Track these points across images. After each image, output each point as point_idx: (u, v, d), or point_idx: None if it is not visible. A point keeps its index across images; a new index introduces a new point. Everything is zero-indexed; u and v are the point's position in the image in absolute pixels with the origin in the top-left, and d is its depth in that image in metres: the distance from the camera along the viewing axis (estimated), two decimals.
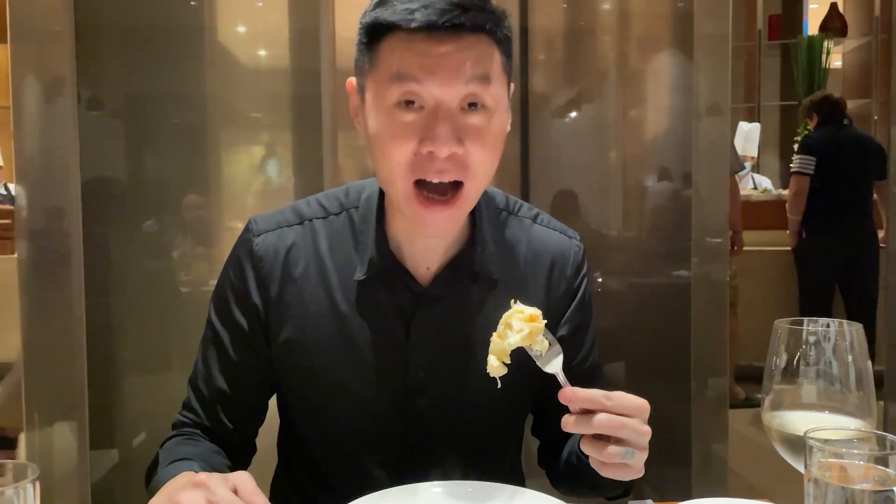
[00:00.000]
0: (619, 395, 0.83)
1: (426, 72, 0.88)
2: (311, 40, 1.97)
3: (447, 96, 0.89)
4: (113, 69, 1.98)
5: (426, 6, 0.87)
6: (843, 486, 0.58)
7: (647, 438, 0.84)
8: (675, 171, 2.13)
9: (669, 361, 2.10)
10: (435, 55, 0.88)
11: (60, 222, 1.87)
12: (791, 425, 0.73)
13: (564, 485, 1.09)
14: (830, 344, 0.73)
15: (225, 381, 1.04)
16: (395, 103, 0.90)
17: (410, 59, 0.88)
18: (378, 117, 0.92)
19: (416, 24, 0.87)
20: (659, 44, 2.17)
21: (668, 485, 2.09)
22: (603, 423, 0.82)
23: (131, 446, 2.01)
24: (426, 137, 0.89)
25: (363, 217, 1.03)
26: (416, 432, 1.03)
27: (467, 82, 0.89)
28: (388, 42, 0.90)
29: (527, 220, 1.10)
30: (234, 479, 0.77)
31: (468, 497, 0.91)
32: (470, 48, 0.89)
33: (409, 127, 0.90)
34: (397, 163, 0.91)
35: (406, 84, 0.89)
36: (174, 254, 2.02)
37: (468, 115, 0.90)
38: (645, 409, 0.84)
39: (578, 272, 1.10)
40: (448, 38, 0.88)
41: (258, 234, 1.03)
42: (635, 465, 0.85)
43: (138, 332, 2.01)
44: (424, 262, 1.02)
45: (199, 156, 2.03)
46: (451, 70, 0.88)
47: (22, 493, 0.53)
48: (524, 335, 0.83)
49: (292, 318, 1.01)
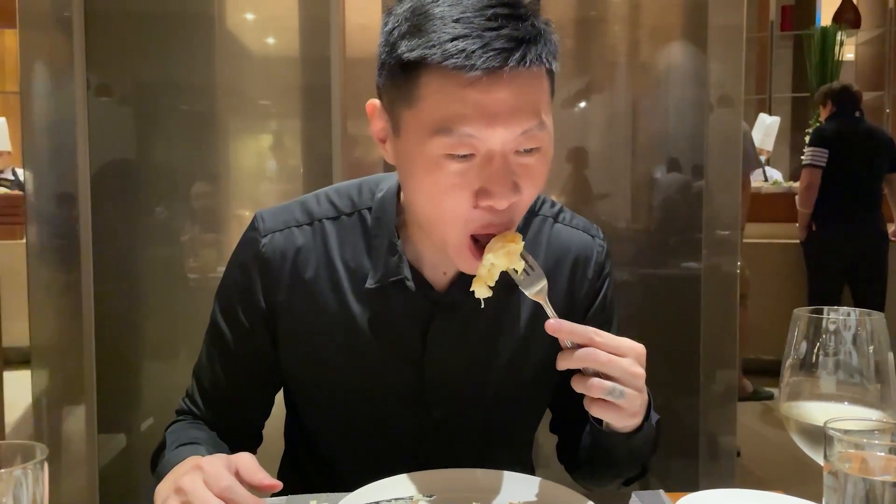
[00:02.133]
0: (612, 335, 0.81)
1: (482, 125, 0.78)
2: (320, 28, 1.96)
3: (505, 146, 0.80)
4: (122, 56, 1.98)
5: (484, 45, 0.76)
6: (864, 478, 0.57)
7: (640, 380, 0.80)
8: (687, 163, 2.11)
9: (678, 353, 2.09)
10: (491, 105, 0.78)
11: (69, 208, 1.87)
12: (809, 416, 0.72)
13: (585, 472, 1.06)
14: (850, 333, 0.72)
15: (228, 379, 1.02)
16: (444, 154, 0.80)
17: (462, 112, 0.78)
18: (421, 165, 0.82)
19: (475, 73, 0.76)
20: (672, 34, 2.15)
21: (675, 476, 2.09)
22: (586, 355, 0.79)
23: (139, 431, 2.02)
24: (484, 191, 0.81)
25: (377, 220, 0.97)
26: (431, 441, 1.01)
27: (525, 130, 0.80)
28: (432, 81, 0.79)
29: (549, 218, 1.05)
30: (235, 460, 0.77)
31: (478, 484, 0.90)
32: (526, 90, 0.80)
33: (462, 179, 0.81)
34: (453, 216, 0.83)
35: (455, 137, 0.79)
36: (182, 240, 2.02)
37: (522, 157, 0.82)
38: (639, 352, 0.82)
39: (601, 272, 1.06)
40: (503, 83, 0.78)
41: (265, 234, 0.98)
42: (627, 408, 0.81)
43: (146, 317, 2.02)
44: (442, 268, 0.97)
45: (208, 143, 2.03)
46: (509, 118, 0.79)
47: (30, 473, 0.52)
48: (503, 253, 0.83)
49: (302, 324, 0.98)
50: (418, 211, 0.90)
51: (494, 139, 0.79)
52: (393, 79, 0.83)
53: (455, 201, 0.82)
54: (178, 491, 0.74)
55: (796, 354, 0.75)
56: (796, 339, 0.75)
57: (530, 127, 0.80)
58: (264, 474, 0.76)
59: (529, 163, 0.83)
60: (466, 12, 0.78)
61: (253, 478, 0.75)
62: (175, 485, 0.75)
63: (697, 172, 2.07)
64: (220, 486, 0.73)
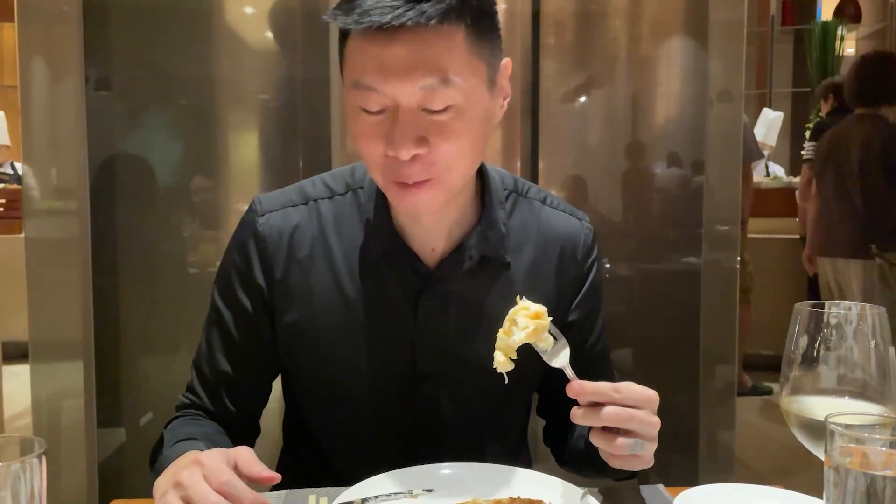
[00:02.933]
0: (628, 386, 0.82)
1: (379, 77, 0.85)
2: (319, 22, 1.95)
3: (403, 100, 0.85)
4: (121, 50, 1.97)
5: (376, 5, 0.82)
6: (865, 472, 0.57)
7: (656, 429, 0.83)
8: (687, 158, 2.11)
9: (678, 349, 2.09)
10: (387, 58, 0.84)
11: (68, 202, 1.86)
12: (811, 410, 0.72)
13: (572, 467, 1.09)
14: (852, 328, 0.72)
15: (228, 362, 1.03)
16: (359, 107, 0.88)
17: (364, 65, 0.86)
18: (349, 117, 0.91)
19: (361, 27, 0.83)
20: (672, 28, 2.15)
21: (674, 471, 2.09)
22: (611, 415, 0.81)
23: (138, 425, 2.02)
24: (387, 141, 0.87)
25: (369, 197, 1.01)
26: (424, 416, 1.02)
27: (423, 86, 0.84)
28: (349, 45, 0.88)
29: (536, 202, 1.08)
30: (233, 454, 0.77)
31: (477, 478, 0.90)
32: (424, 45, 0.84)
33: (374, 129, 0.88)
34: (371, 161, 0.91)
35: (363, 92, 0.86)
36: (181, 235, 2.01)
37: (434, 114, 0.86)
38: (654, 400, 0.83)
39: (588, 256, 1.08)
40: (400, 37, 0.83)
41: (262, 214, 1.02)
42: (645, 456, 0.84)
43: (145, 312, 2.01)
44: (429, 244, 1.00)
45: (207, 137, 2.02)
46: (405, 72, 0.84)
47: (28, 467, 0.52)
48: (529, 332, 0.83)
49: (297, 301, 1.00)
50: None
51: (395, 92, 0.85)
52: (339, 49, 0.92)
53: (369, 149, 0.89)
54: (176, 485, 0.74)
55: (797, 349, 0.75)
56: (797, 333, 0.74)
57: (429, 83, 0.84)
58: (262, 467, 0.76)
59: (442, 120, 0.86)
60: None
61: (251, 470, 0.76)
62: (174, 479, 0.75)
63: (697, 167, 2.07)
64: (219, 480, 0.73)
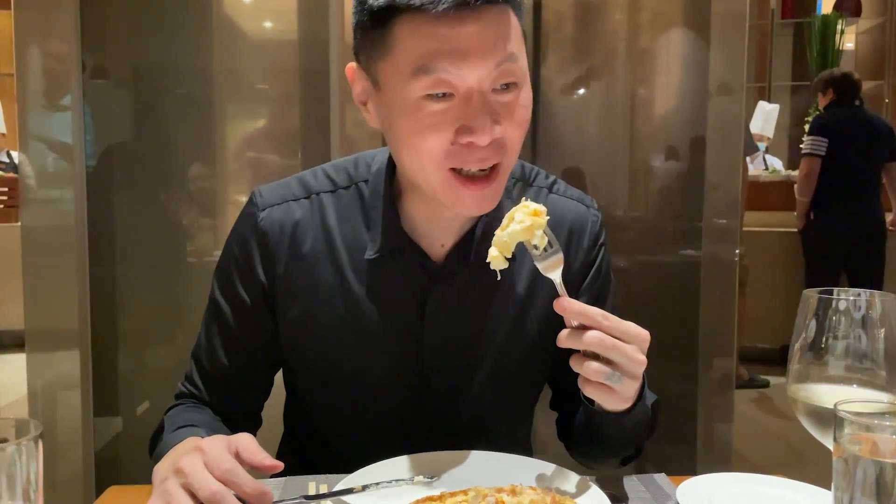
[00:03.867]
0: (620, 319, 0.80)
1: (456, 59, 0.80)
2: (319, 11, 1.94)
3: (482, 82, 0.82)
4: (118, 38, 1.96)
5: None
6: (875, 460, 0.56)
7: (639, 368, 0.80)
8: (687, 151, 2.10)
9: (677, 341, 2.09)
10: (462, 39, 0.80)
11: (64, 191, 1.85)
12: (818, 398, 0.71)
13: (579, 448, 1.07)
14: (860, 315, 0.71)
15: (228, 357, 1.02)
16: (423, 96, 0.83)
17: (436, 48, 0.80)
18: (402, 110, 0.84)
19: (444, 6, 0.78)
20: (673, 21, 2.14)
21: (672, 462, 2.10)
22: (593, 340, 0.78)
23: (135, 414, 2.01)
24: (464, 128, 0.83)
25: (373, 191, 0.98)
26: (430, 412, 1.01)
27: (498, 63, 0.82)
28: (404, 26, 0.82)
29: (543, 189, 1.07)
30: (235, 441, 0.76)
31: (478, 466, 0.90)
32: (495, 23, 0.82)
33: (442, 118, 0.83)
34: (430, 155, 0.85)
35: (434, 75, 0.81)
36: (179, 224, 2.00)
37: (500, 94, 0.84)
38: (643, 338, 0.81)
39: (596, 242, 1.07)
40: (472, 17, 0.80)
41: (263, 209, 0.99)
42: (622, 392, 0.81)
43: (143, 300, 2.00)
44: (440, 239, 0.98)
45: (205, 127, 2.01)
46: (482, 53, 0.81)
47: (24, 450, 0.51)
48: (524, 227, 0.81)
49: (301, 297, 0.98)
50: (404, 162, 0.90)
51: (471, 74, 0.82)
52: (367, 34, 0.86)
53: (435, 141, 0.84)
54: (177, 472, 0.73)
55: (805, 336, 0.74)
56: (805, 320, 0.74)
57: (503, 59, 0.82)
58: (265, 455, 0.76)
59: (508, 100, 0.85)
60: None
61: (253, 458, 0.75)
62: (175, 465, 0.74)
63: (697, 160, 2.06)
64: (221, 468, 0.72)
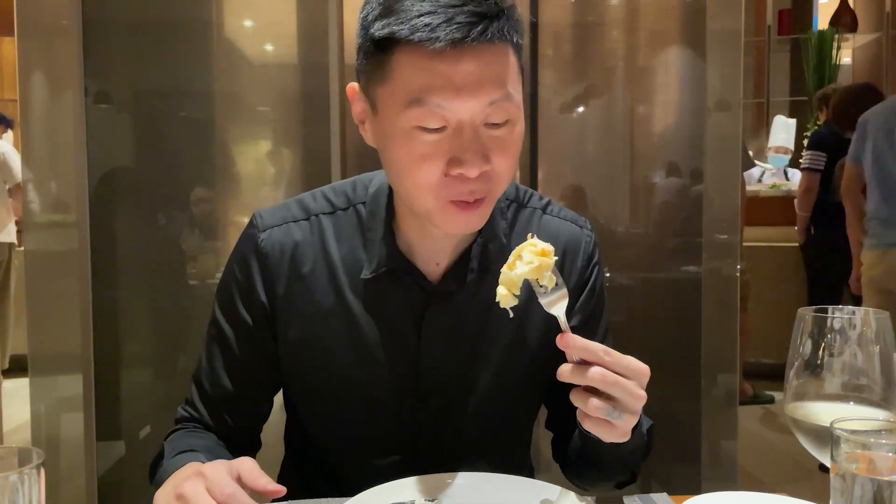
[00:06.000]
0: (620, 354, 0.80)
1: (449, 94, 0.82)
2: (318, 34, 1.96)
3: (474, 117, 0.84)
4: (120, 63, 1.98)
5: (448, 20, 0.80)
6: (872, 478, 0.56)
7: (639, 403, 0.80)
8: (686, 167, 2.11)
9: (679, 357, 2.09)
10: (457, 76, 0.82)
11: (67, 215, 1.86)
12: (815, 416, 0.72)
13: (575, 471, 1.07)
14: (856, 333, 0.71)
15: (229, 379, 1.02)
16: (416, 126, 0.84)
17: (431, 83, 0.82)
18: (396, 138, 0.86)
19: (439, 45, 0.80)
20: (670, 38, 2.16)
21: (677, 480, 2.08)
22: (596, 376, 0.78)
23: (138, 438, 2.01)
24: (455, 160, 0.84)
25: (371, 213, 1.00)
26: (429, 431, 1.01)
27: (492, 101, 0.84)
28: (402, 56, 0.83)
29: (537, 210, 1.07)
30: (236, 465, 0.76)
31: (480, 488, 0.90)
32: (491, 62, 0.83)
33: (434, 149, 0.85)
34: (424, 185, 0.86)
35: (426, 108, 0.83)
36: (181, 247, 2.01)
37: (493, 129, 0.86)
38: (643, 374, 0.81)
39: (589, 262, 1.08)
40: (469, 55, 0.82)
41: (263, 230, 1.00)
42: (620, 427, 0.81)
43: (145, 324, 2.01)
44: (435, 259, 1.00)
45: (207, 150, 2.03)
46: (475, 89, 0.82)
47: (26, 478, 0.51)
48: (533, 267, 0.82)
49: (300, 317, 0.99)
50: (397, 185, 0.92)
51: (463, 110, 0.83)
52: (368, 59, 0.88)
53: (428, 171, 0.85)
54: (179, 497, 0.73)
55: (801, 354, 0.74)
56: (801, 338, 0.74)
57: (497, 98, 0.84)
58: (267, 479, 0.76)
59: (500, 135, 0.86)
60: None
61: (256, 483, 0.75)
62: (176, 491, 0.74)
63: (696, 176, 2.07)
64: (223, 493, 0.72)
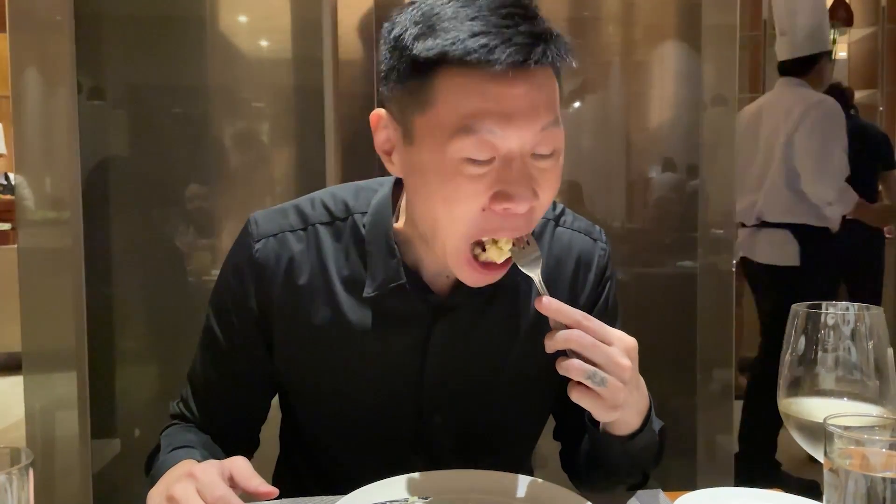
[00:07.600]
0: (602, 322, 0.79)
1: (502, 121, 0.76)
2: (313, 30, 1.95)
3: (524, 146, 0.78)
4: (114, 59, 1.97)
5: (506, 41, 0.74)
6: (865, 474, 0.56)
7: (625, 372, 0.78)
8: (681, 162, 2.11)
9: (675, 352, 2.09)
10: (510, 100, 0.76)
11: (61, 212, 1.85)
12: (809, 412, 0.72)
13: (585, 477, 1.04)
14: (849, 328, 0.71)
15: (222, 384, 1.01)
16: (463, 158, 0.77)
17: (483, 106, 0.76)
18: (437, 171, 0.79)
19: (499, 68, 0.74)
20: (665, 33, 2.15)
21: (672, 475, 2.08)
22: (573, 336, 0.77)
23: (133, 436, 2.01)
24: (502, 194, 0.78)
25: (373, 224, 0.94)
26: (430, 447, 0.99)
27: (544, 127, 0.78)
28: (451, 80, 0.76)
29: (550, 221, 1.03)
30: (228, 465, 0.76)
31: (474, 486, 0.90)
32: (542, 85, 0.78)
33: (480, 182, 0.78)
34: (461, 220, 0.80)
35: (476, 136, 0.76)
36: (176, 244, 2.01)
37: (539, 160, 0.80)
38: (627, 343, 0.79)
39: (602, 276, 1.04)
40: (522, 78, 0.76)
41: (258, 239, 0.96)
42: (608, 399, 0.77)
43: (140, 322, 2.00)
44: (444, 272, 0.94)
45: (201, 146, 2.02)
46: (529, 116, 0.77)
47: (15, 479, 0.51)
48: None
49: (295, 332, 0.96)
50: (425, 218, 0.86)
51: (514, 137, 0.77)
52: (404, 84, 0.81)
53: (468, 207, 0.79)
54: (170, 499, 0.73)
55: (795, 350, 0.74)
56: (794, 334, 0.74)
57: (548, 123, 0.79)
58: (260, 480, 0.75)
59: (546, 167, 0.81)
60: (481, 11, 0.77)
61: (248, 484, 0.74)
62: (167, 492, 0.74)
63: (692, 171, 2.07)
64: (213, 495, 0.72)
